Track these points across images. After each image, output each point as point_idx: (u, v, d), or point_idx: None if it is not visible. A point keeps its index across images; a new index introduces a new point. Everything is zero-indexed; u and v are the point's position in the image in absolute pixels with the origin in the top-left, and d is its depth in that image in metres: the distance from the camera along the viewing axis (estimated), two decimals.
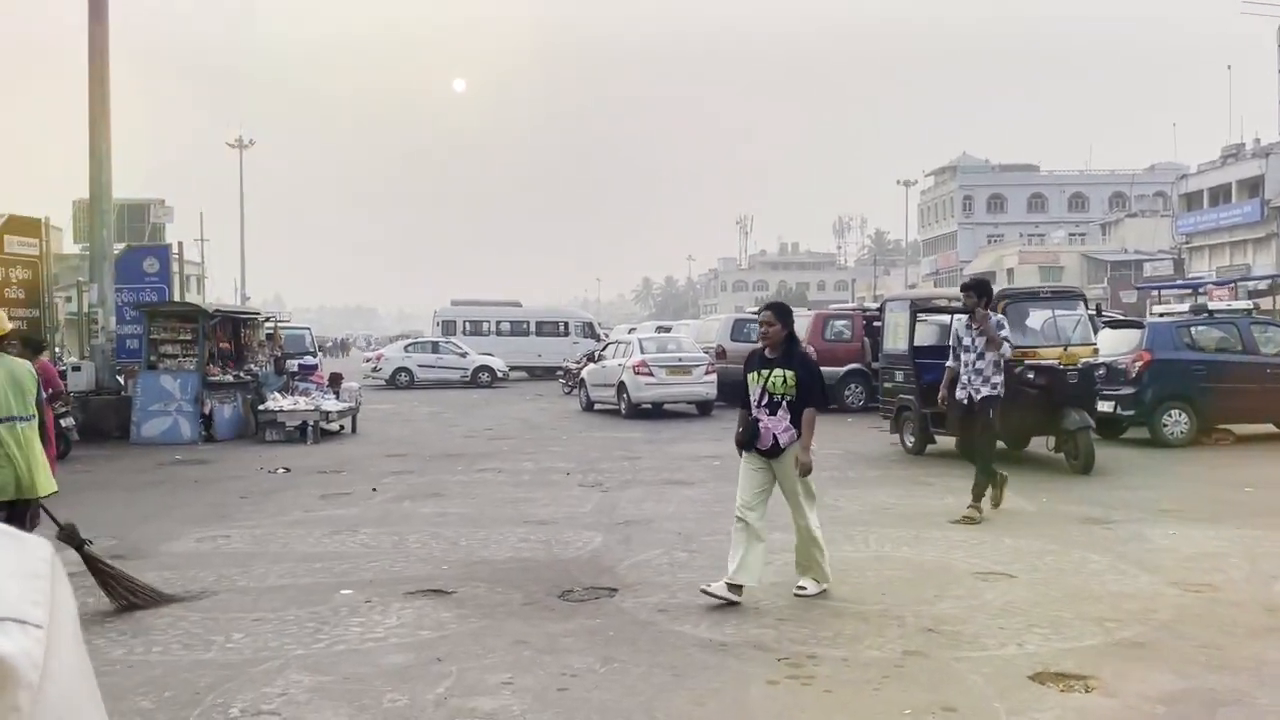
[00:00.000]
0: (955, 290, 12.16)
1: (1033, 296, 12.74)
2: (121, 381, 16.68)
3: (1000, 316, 8.99)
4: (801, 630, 5.57)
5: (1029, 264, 61.71)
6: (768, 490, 6.29)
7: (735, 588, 5.98)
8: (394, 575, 6.96)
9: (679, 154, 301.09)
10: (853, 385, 20.19)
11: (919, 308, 13.80)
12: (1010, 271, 61.68)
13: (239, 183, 62.07)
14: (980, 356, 8.71)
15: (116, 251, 17.56)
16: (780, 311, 6.37)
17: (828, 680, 4.77)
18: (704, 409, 19.98)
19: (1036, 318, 12.29)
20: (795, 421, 6.14)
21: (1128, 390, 13.51)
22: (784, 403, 6.13)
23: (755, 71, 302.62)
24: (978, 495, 8.67)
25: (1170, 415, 13.58)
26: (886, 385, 14.15)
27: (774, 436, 6.16)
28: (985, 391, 8.70)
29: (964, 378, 8.88)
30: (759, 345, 6.47)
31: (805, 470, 6.14)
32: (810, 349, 10.16)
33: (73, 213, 40.03)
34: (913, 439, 13.12)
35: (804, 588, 6.21)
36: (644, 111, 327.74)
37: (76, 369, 16.33)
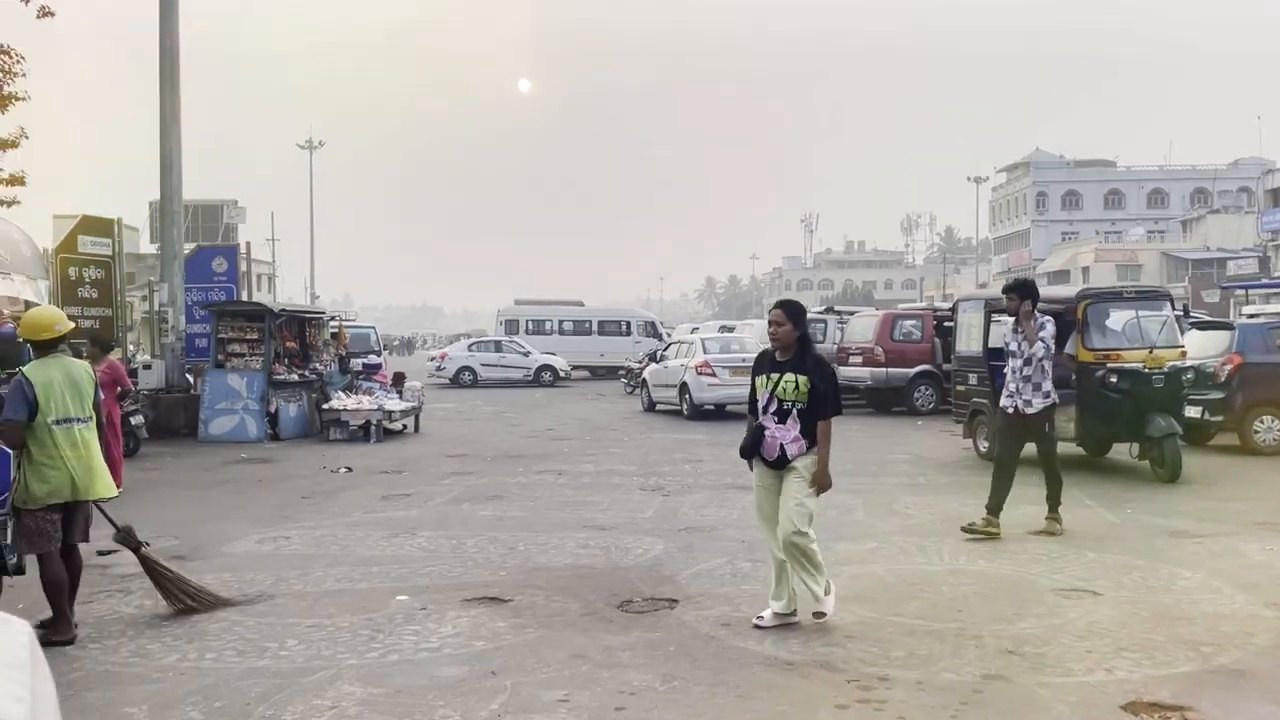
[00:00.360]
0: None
1: (1116, 296, 12.21)
2: (191, 380, 16.93)
3: (1045, 318, 8.27)
4: (872, 649, 5.28)
5: (1106, 262, 60.04)
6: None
7: (784, 614, 5.66)
8: (451, 581, 6.83)
9: (743, 151, 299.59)
10: (923, 387, 19.71)
11: (993, 308, 13.30)
12: (1086, 270, 60.09)
13: (309, 184, 63.32)
14: (1028, 362, 8.13)
15: (186, 251, 17.83)
16: (791, 310, 5.81)
17: (901, 706, 4.49)
18: None
19: (1119, 318, 11.78)
20: (806, 431, 5.62)
21: (1216, 395, 12.89)
22: (794, 411, 5.62)
23: (823, 67, 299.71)
24: (1053, 505, 8.23)
25: (1262, 421, 12.94)
26: (959, 388, 13.69)
27: (781, 447, 5.65)
28: (1038, 403, 8.12)
29: (1012, 385, 8.23)
30: (769, 347, 5.93)
31: (821, 488, 5.65)
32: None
33: (149, 213, 41.08)
34: (987, 444, 12.65)
35: (761, 617, 5.67)
36: (708, 108, 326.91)
37: (147, 367, 16.61)
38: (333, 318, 20.64)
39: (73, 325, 5.71)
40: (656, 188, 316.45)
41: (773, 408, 5.65)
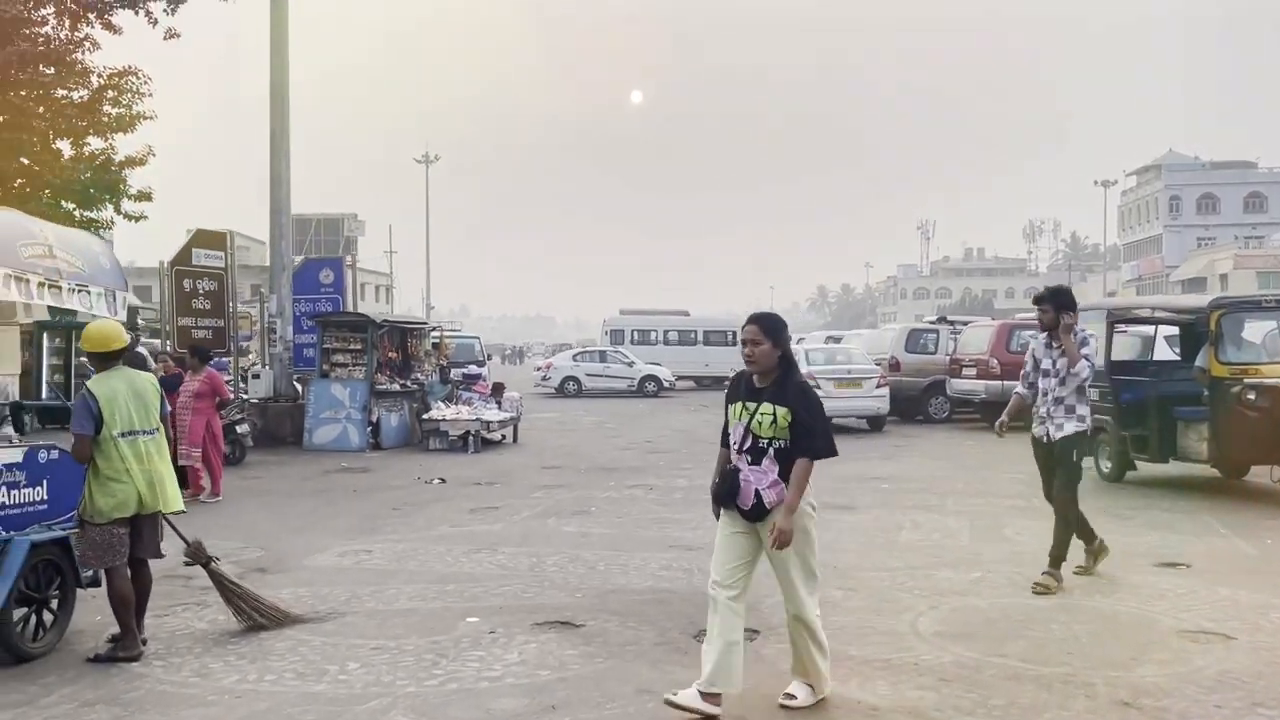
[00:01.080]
0: (1158, 299, 10.84)
1: (1254, 306, 11.26)
2: (299, 389, 17.27)
3: (1088, 332, 7.17)
4: (968, 696, 4.79)
5: (1245, 269, 56.62)
6: (751, 561, 4.73)
7: (711, 696, 4.49)
8: (524, 602, 6.58)
9: (857, 156, 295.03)
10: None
11: (1116, 318, 12.45)
12: (1224, 277, 56.82)
13: (425, 197, 64.89)
14: (1063, 382, 6.96)
15: (295, 263, 18.24)
16: (769, 325, 4.67)
17: None
18: (875, 424, 18.98)
19: (1257, 330, 10.85)
20: (786, 474, 4.55)
21: None
22: (771, 449, 4.56)
23: (941, 68, 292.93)
24: (1056, 558, 6.94)
25: None
26: None
27: (756, 494, 4.56)
28: (1070, 428, 6.92)
29: (1042, 409, 7.07)
30: (746, 370, 4.81)
31: (782, 541, 4.50)
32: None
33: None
34: (1109, 464, 11.82)
35: (793, 695, 4.70)
36: (819, 114, 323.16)
37: (256, 376, 17.01)
38: (434, 328, 20.88)
39: (129, 339, 5.67)
40: (770, 195, 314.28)
41: (747, 444, 4.61)
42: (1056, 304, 7.01)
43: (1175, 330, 13.16)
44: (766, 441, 4.56)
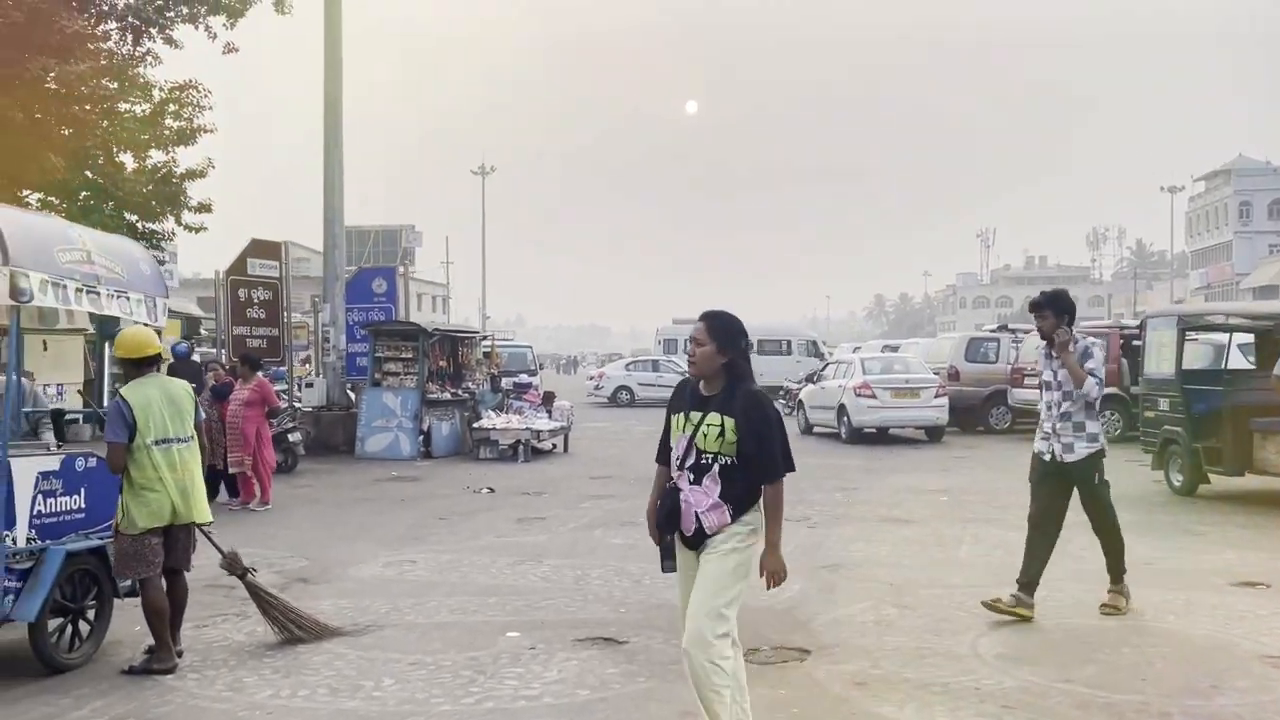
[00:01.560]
0: (1232, 305, 10.34)
1: None
2: (352, 397, 17.34)
3: (1092, 341, 6.40)
4: None
5: None
6: None
7: None
8: (567, 617, 6.40)
9: (915, 164, 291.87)
10: (1107, 412, 18.09)
11: (1188, 325, 11.94)
12: None
13: (481, 208, 65.44)
14: (1068, 397, 6.26)
15: (348, 273, 18.34)
16: (717, 324, 3.97)
17: None
18: (934, 435, 18.52)
19: None
20: (730, 495, 3.87)
21: None
22: (715, 467, 3.88)
23: (999, 73, 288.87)
24: (1117, 574, 6.50)
25: None
26: (1148, 414, 12.34)
27: (696, 516, 3.90)
28: (1081, 449, 6.27)
29: (1047, 425, 6.40)
30: (690, 377, 4.14)
31: (775, 578, 3.95)
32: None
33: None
34: (1181, 477, 11.33)
35: None
36: (877, 120, 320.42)
37: (309, 385, 17.11)
38: (485, 337, 20.86)
39: (160, 346, 5.61)
40: (825, 203, 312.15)
41: (690, 460, 3.93)
42: (1055, 309, 6.32)
43: (1250, 338, 12.62)
44: (711, 457, 3.88)
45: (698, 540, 3.94)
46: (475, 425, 16.18)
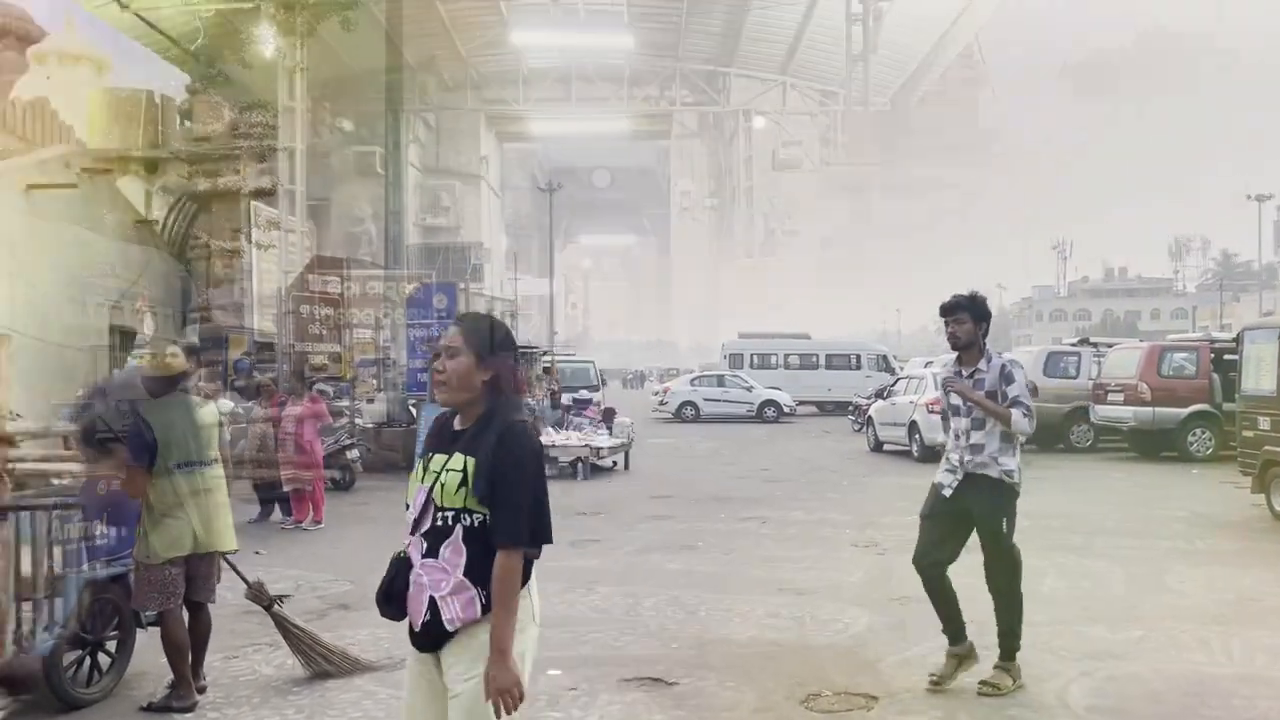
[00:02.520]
0: None
1: None
2: (412, 413, 17.19)
3: (1006, 358, 5.35)
4: None
5: None
6: None
7: None
8: (615, 652, 5.99)
9: (987, 173, 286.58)
10: (1198, 430, 17.15)
11: None
12: None
13: (549, 224, 65.58)
14: (978, 425, 5.22)
15: (409, 289, 18.26)
16: (470, 329, 2.84)
17: None
18: None
19: None
20: (482, 572, 2.67)
21: None
22: (458, 529, 2.69)
23: (1076, 80, 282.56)
24: (1009, 648, 5.37)
25: None
26: (1246, 433, 11.53)
27: (431, 603, 2.70)
28: (995, 478, 5.24)
29: (955, 456, 5.31)
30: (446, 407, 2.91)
31: (507, 698, 2.59)
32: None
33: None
34: None
35: None
36: (947, 125, 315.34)
37: (370, 400, 17.02)
38: (545, 353, 20.62)
39: (187, 364, 5.35)
40: (893, 215, 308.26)
41: (426, 522, 2.73)
42: (975, 314, 5.30)
43: None
44: (452, 516, 2.68)
45: (433, 638, 2.70)
46: None
